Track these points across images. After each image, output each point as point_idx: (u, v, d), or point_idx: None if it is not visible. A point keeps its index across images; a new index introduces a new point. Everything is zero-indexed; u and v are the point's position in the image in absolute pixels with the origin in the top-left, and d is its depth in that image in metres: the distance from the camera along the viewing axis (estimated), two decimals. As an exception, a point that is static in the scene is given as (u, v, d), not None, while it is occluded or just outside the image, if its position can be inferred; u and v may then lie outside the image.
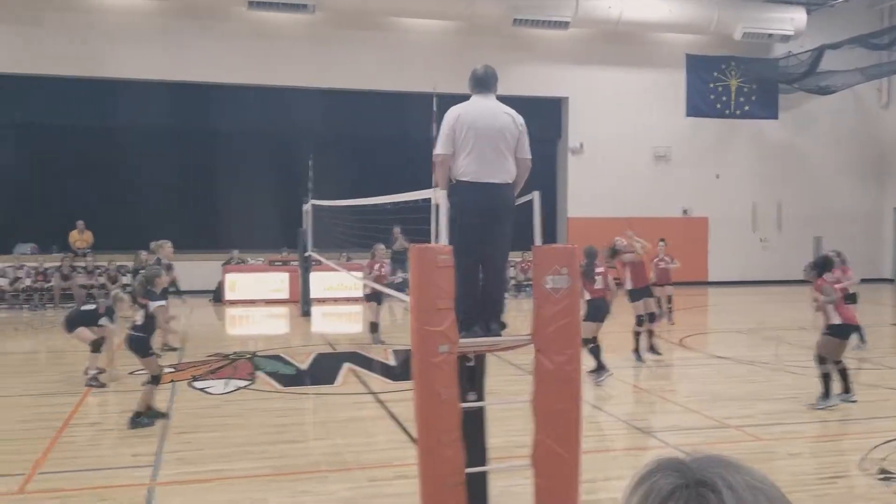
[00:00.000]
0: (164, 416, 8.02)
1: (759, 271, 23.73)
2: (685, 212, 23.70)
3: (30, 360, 12.18)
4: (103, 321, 9.79)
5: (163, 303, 8.16)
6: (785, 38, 22.82)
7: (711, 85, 23.74)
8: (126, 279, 17.31)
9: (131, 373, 10.14)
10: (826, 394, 8.69)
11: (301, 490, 6.09)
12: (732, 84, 23.92)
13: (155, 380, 8.01)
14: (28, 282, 18.04)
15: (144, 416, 7.81)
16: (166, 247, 11.96)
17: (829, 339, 8.65)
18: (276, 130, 21.33)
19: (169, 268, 11.86)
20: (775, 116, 24.35)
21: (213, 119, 20.90)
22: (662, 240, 14.79)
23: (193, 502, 5.84)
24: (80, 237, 19.33)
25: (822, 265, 9.09)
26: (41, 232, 19.65)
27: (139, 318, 8.08)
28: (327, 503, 5.83)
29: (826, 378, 8.70)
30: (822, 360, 8.74)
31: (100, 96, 19.91)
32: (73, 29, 19.25)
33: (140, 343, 8.06)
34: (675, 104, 23.49)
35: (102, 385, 9.55)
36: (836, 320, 8.57)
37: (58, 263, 18.28)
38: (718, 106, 23.87)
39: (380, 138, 21.59)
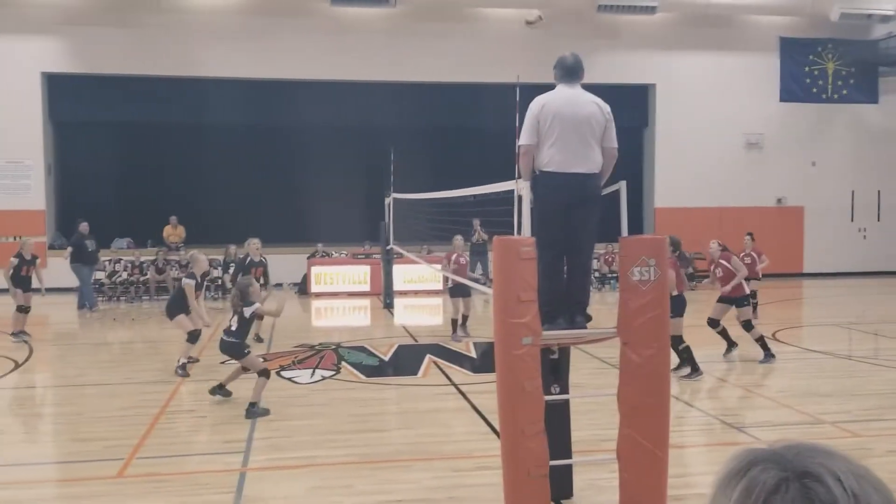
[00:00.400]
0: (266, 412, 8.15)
1: (857, 263, 22.69)
2: (779, 201, 22.87)
3: (127, 351, 12.69)
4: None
5: (257, 306, 8.39)
6: (885, 19, 21.71)
7: (807, 69, 22.80)
8: (217, 272, 17.84)
9: (222, 362, 10.44)
10: None
11: (385, 478, 6.15)
12: (829, 67, 22.93)
13: (264, 373, 8.22)
14: (125, 275, 18.81)
15: (258, 407, 8.01)
16: (252, 244, 12.27)
17: None
18: (358, 125, 21.59)
19: (260, 263, 12.18)
20: (875, 101, 23.22)
21: (298, 115, 21.30)
22: (750, 234, 14.32)
23: (282, 488, 5.97)
24: (173, 232, 20.04)
25: None
26: (137, 227, 20.49)
27: (234, 323, 8.31)
28: (411, 492, 5.86)
29: None
30: None
31: (191, 95, 20.59)
32: (167, 30, 19.93)
33: (235, 348, 8.30)
34: (768, 89, 22.67)
35: (187, 375, 9.86)
36: None
37: (153, 257, 19.00)
38: (814, 90, 22.91)
39: (461, 130, 21.61)
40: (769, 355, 10.60)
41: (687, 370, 9.72)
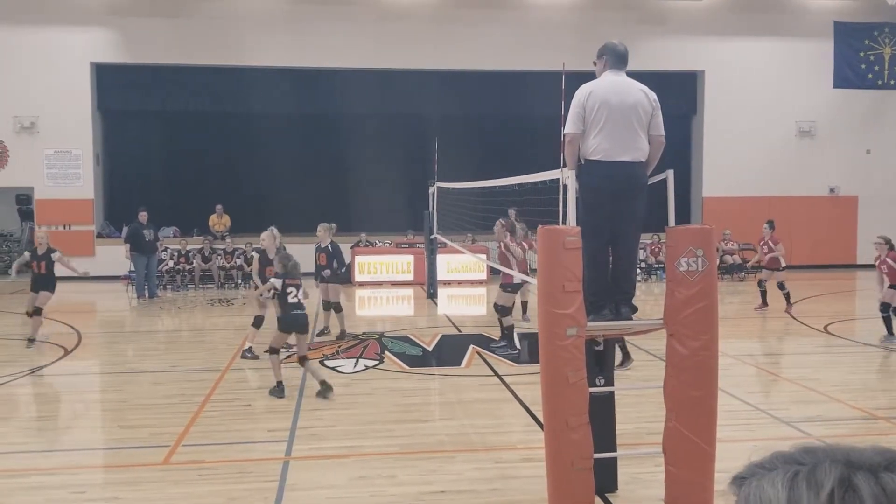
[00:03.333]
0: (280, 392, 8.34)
1: (914, 253, 22.04)
2: (832, 190, 22.30)
3: (173, 339, 12.88)
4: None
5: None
6: (946, 1, 20.95)
7: (862, 54, 22.09)
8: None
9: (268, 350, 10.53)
10: None
11: (429, 469, 6.13)
12: (886, 52, 22.20)
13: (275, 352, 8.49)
14: (171, 264, 19.09)
15: (326, 387, 8.21)
16: (323, 230, 12.26)
17: None
18: (401, 113, 21.60)
19: (325, 249, 12.18)
20: (933, 86, 22.46)
21: (342, 103, 21.38)
22: (769, 222, 14.04)
23: (325, 477, 5.98)
24: (218, 221, 20.29)
25: None
26: (183, 216, 20.79)
27: (301, 296, 8.47)
28: (454, 483, 5.83)
29: None
30: None
31: (236, 84, 20.82)
32: (212, 20, 20.14)
33: (307, 321, 8.56)
34: (821, 75, 22.04)
35: (256, 357, 10.01)
36: None
37: (199, 246, 19.26)
38: (870, 76, 22.20)
39: (505, 119, 21.49)
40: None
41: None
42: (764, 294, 14.39)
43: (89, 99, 20.24)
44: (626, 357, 9.56)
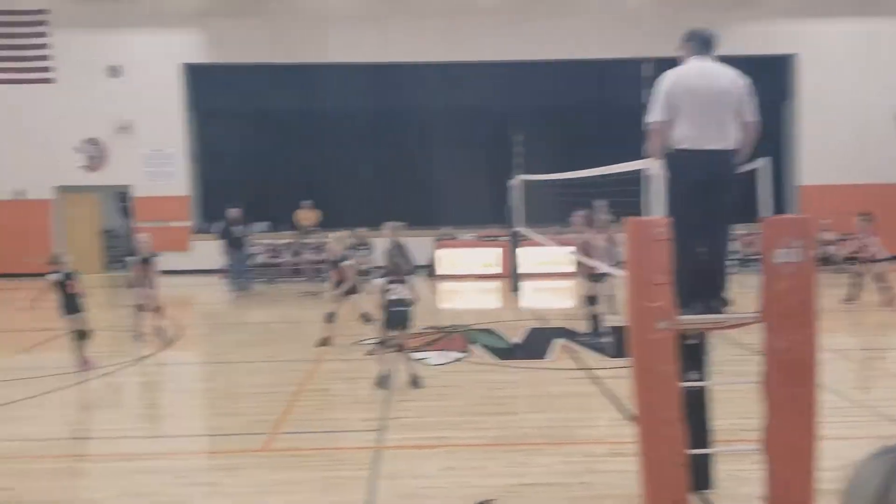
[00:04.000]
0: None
1: None
2: (935, 177, 21.19)
3: (267, 330, 13.27)
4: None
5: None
6: None
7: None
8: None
9: (355, 343, 10.77)
10: None
11: (518, 461, 6.16)
12: None
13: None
14: (262, 258, 19.63)
15: (417, 380, 8.50)
16: (393, 228, 12.43)
17: None
18: (482, 106, 21.58)
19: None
20: None
21: (423, 98, 21.51)
22: (864, 214, 13.40)
23: (416, 466, 6.09)
24: (306, 216, 20.74)
25: None
26: (273, 211, 21.35)
27: (406, 291, 8.67)
28: (543, 476, 5.84)
29: None
30: None
31: (319, 81, 21.20)
32: (295, 19, 20.56)
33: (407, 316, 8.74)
34: (923, 56, 21.00)
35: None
36: None
37: (288, 241, 19.74)
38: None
39: (588, 109, 21.21)
40: None
41: None
42: (857, 287, 13.82)
43: (182, 99, 20.99)
44: None
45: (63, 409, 8.04)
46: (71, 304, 9.58)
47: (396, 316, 8.62)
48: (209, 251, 18.24)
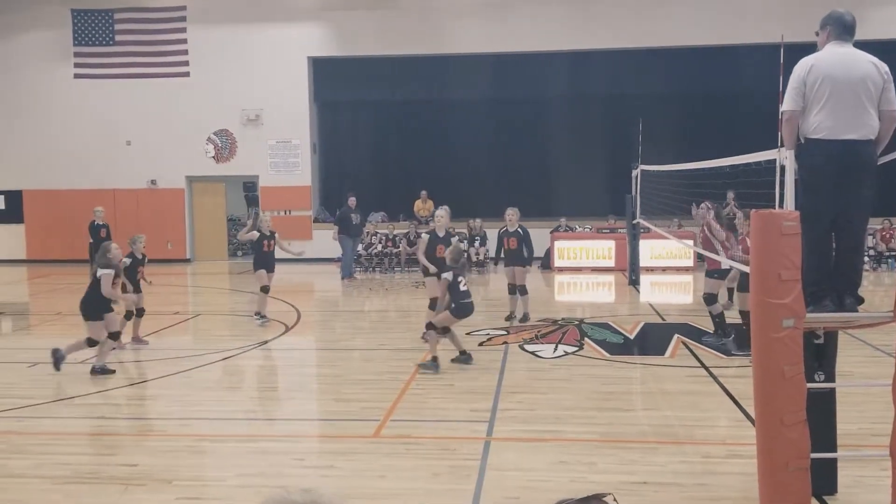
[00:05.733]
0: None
1: None
2: None
3: (382, 318, 13.52)
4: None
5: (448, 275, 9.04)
6: None
7: None
8: (463, 245, 18.44)
9: (468, 333, 10.82)
10: None
11: (630, 459, 6.02)
12: None
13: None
14: (379, 247, 20.03)
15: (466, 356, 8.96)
16: (511, 214, 12.33)
17: None
18: (601, 94, 21.22)
19: (515, 234, 12.26)
20: None
21: (542, 87, 21.35)
22: None
23: (526, 459, 6.05)
24: (423, 206, 21.00)
25: None
26: (391, 201, 21.76)
27: (463, 285, 9.00)
28: (657, 475, 5.69)
29: None
30: None
31: (438, 72, 21.43)
32: (415, 10, 20.84)
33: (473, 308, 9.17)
34: None
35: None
36: None
37: (405, 231, 20.05)
38: None
39: (714, 97, 20.47)
40: None
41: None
42: None
43: (307, 91, 21.65)
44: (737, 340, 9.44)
45: (186, 390, 8.44)
46: (136, 286, 10.45)
47: (466, 308, 9.03)
48: (329, 239, 18.77)
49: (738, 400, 7.51)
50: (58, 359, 8.92)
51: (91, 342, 8.98)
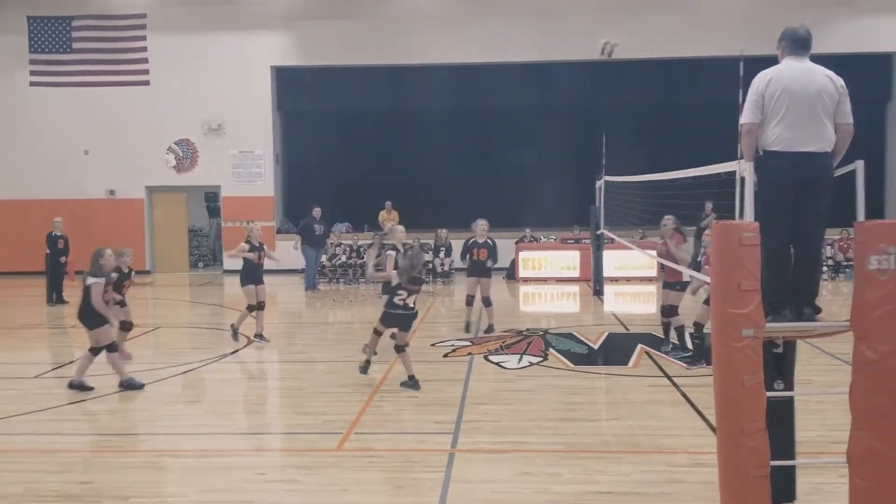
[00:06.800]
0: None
1: None
2: None
3: (346, 330, 13.42)
4: None
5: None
6: None
7: None
8: (429, 256, 18.43)
9: (433, 344, 10.78)
10: None
11: (594, 469, 6.03)
12: None
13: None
14: (344, 258, 19.91)
15: (413, 382, 8.60)
16: (481, 225, 12.36)
17: None
18: (565, 106, 21.38)
19: (485, 245, 12.26)
20: None
21: (506, 98, 21.45)
22: None
23: (489, 471, 6.03)
24: (387, 217, 20.92)
25: None
26: (355, 212, 21.66)
27: (411, 301, 8.71)
28: (621, 484, 5.70)
29: None
30: None
31: (402, 82, 21.43)
32: (380, 21, 20.86)
33: (411, 321, 8.80)
34: None
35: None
36: None
37: (369, 241, 19.93)
38: None
39: (677, 109, 20.74)
40: None
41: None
42: None
43: (270, 101, 21.50)
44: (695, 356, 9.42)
45: (145, 404, 8.29)
46: (123, 300, 10.10)
47: (399, 318, 8.72)
48: (292, 250, 18.63)
49: (700, 409, 7.58)
50: (78, 387, 8.64)
51: (95, 351, 8.70)
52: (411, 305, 8.75)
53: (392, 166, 21.70)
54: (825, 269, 18.03)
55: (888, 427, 4.50)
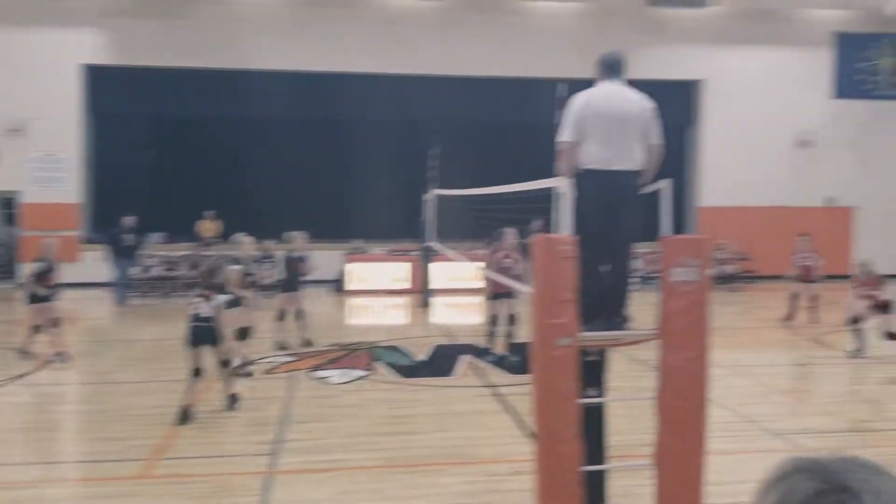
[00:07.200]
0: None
1: (912, 265, 21.71)
2: (829, 201, 22.17)
3: (158, 348, 12.63)
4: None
5: (225, 298, 8.24)
6: (943, 12, 20.92)
7: (862, 64, 22.07)
8: (254, 267, 17.78)
9: (253, 361, 10.36)
10: None
11: (417, 483, 5.97)
12: (885, 63, 22.18)
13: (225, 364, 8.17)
14: (158, 271, 18.83)
15: (233, 401, 8.03)
16: (299, 238, 12.08)
17: None
18: (400, 119, 21.41)
19: (301, 259, 12.00)
20: (932, 97, 22.42)
21: (338, 108, 21.18)
22: (804, 234, 13.78)
23: (310, 492, 5.82)
24: (209, 227, 20.04)
25: None
26: (172, 221, 20.49)
27: (205, 309, 8.09)
28: (443, 497, 5.67)
29: None
30: None
31: (230, 87, 20.54)
32: (207, 22, 19.94)
33: (209, 333, 8.08)
34: (821, 86, 21.99)
35: (249, 374, 9.66)
36: None
37: (187, 253, 19.04)
38: (870, 87, 22.18)
39: (505, 126, 21.33)
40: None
41: None
42: (794, 306, 14.11)
43: (79, 101, 20.01)
44: None
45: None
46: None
47: (190, 332, 8.14)
48: (101, 263, 17.40)
49: (520, 417, 7.71)
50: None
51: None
52: (203, 315, 8.11)
53: (215, 174, 20.75)
54: (635, 280, 19.10)
55: (688, 429, 4.77)
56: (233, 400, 8.15)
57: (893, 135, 22.34)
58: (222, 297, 8.25)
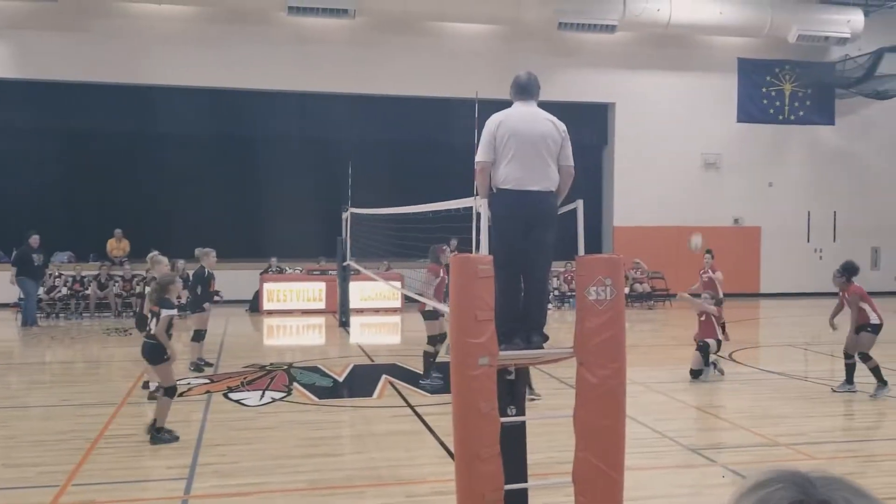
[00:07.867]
0: (174, 438, 7.66)
1: (813, 283, 22.55)
2: (736, 221, 23.09)
3: (66, 371, 12.19)
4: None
5: (174, 312, 7.91)
6: (842, 41, 22.12)
7: (764, 90, 23.15)
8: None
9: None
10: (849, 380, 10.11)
11: (336, 506, 5.90)
12: (787, 89, 23.31)
13: (169, 392, 7.74)
14: (65, 290, 18.15)
15: (166, 432, 7.63)
16: (210, 256, 11.83)
17: (868, 336, 9.94)
18: (315, 137, 21.27)
19: (211, 277, 11.78)
20: (832, 122, 23.66)
21: (252, 126, 20.92)
22: (708, 251, 14.28)
23: (225, 518, 5.67)
24: (117, 245, 19.44)
25: (852, 270, 10.82)
26: (79, 240, 19.78)
27: (153, 325, 7.87)
28: (362, 520, 5.61)
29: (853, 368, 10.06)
30: (862, 357, 9.92)
31: (139, 103, 20.00)
32: (115, 37, 19.43)
33: (153, 350, 7.82)
34: (726, 109, 22.96)
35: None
36: (876, 320, 9.94)
37: (95, 272, 18.40)
38: (772, 111, 23.27)
39: (421, 145, 21.43)
40: None
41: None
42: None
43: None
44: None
45: None
46: None
47: (143, 347, 7.98)
48: (2, 282, 16.63)
49: (440, 437, 7.72)
50: None
51: None
52: (152, 332, 7.88)
53: (124, 192, 20.13)
54: (552, 299, 19.44)
55: (606, 446, 4.84)
56: (153, 425, 7.75)
57: (794, 157, 23.48)
58: (169, 312, 7.83)
